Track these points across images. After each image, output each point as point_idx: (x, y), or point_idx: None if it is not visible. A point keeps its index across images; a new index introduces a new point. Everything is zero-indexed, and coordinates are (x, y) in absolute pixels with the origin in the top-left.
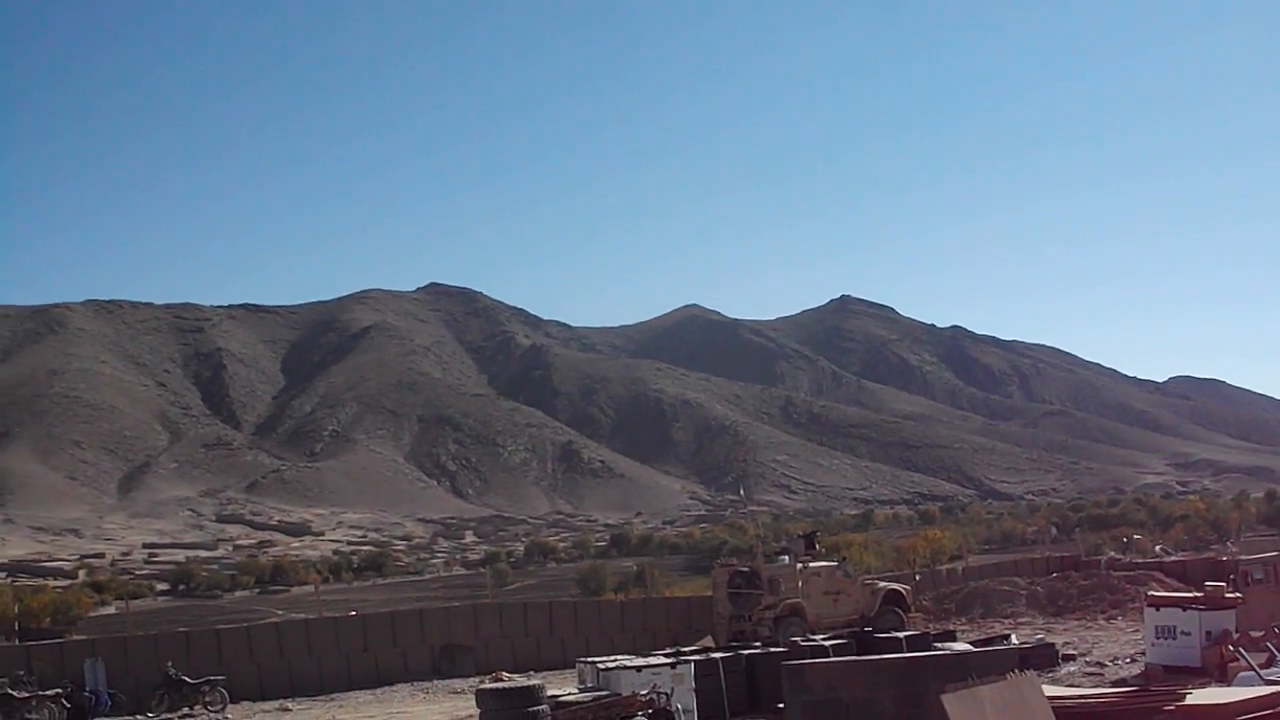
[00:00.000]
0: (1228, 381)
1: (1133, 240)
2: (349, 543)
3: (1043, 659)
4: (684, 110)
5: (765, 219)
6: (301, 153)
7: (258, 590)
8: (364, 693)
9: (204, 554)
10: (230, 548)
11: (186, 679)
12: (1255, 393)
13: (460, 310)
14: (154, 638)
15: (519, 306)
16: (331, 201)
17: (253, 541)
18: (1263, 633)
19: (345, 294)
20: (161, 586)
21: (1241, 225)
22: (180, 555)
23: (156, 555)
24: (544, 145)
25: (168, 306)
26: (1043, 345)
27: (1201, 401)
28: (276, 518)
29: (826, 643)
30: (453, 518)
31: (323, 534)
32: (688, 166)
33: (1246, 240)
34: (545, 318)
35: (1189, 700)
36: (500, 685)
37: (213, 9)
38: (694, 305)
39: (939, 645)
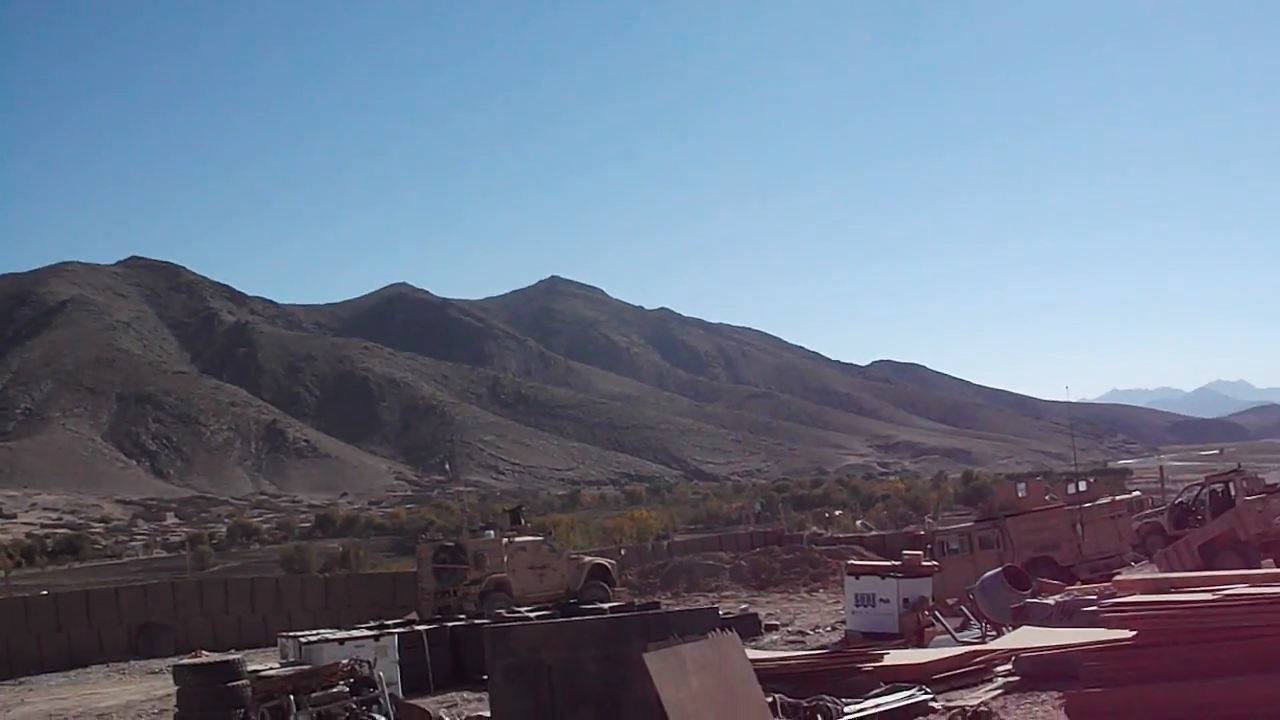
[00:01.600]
0: (928, 366)
1: (839, 229)
2: (43, 526)
3: (746, 628)
4: (398, 89)
5: (476, 199)
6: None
7: None
8: (57, 675)
9: None
10: None
11: None
12: (954, 377)
13: (162, 285)
14: None
15: (223, 282)
16: (27, 169)
17: None
18: (956, 599)
19: (41, 265)
20: None
21: (938, 215)
22: None
23: None
24: (251, 116)
25: None
26: (749, 328)
27: (902, 385)
28: None
29: (531, 614)
30: (153, 499)
31: (15, 516)
32: (398, 146)
33: (943, 229)
34: (250, 294)
35: (886, 660)
36: (199, 661)
37: None
38: (402, 284)
39: None
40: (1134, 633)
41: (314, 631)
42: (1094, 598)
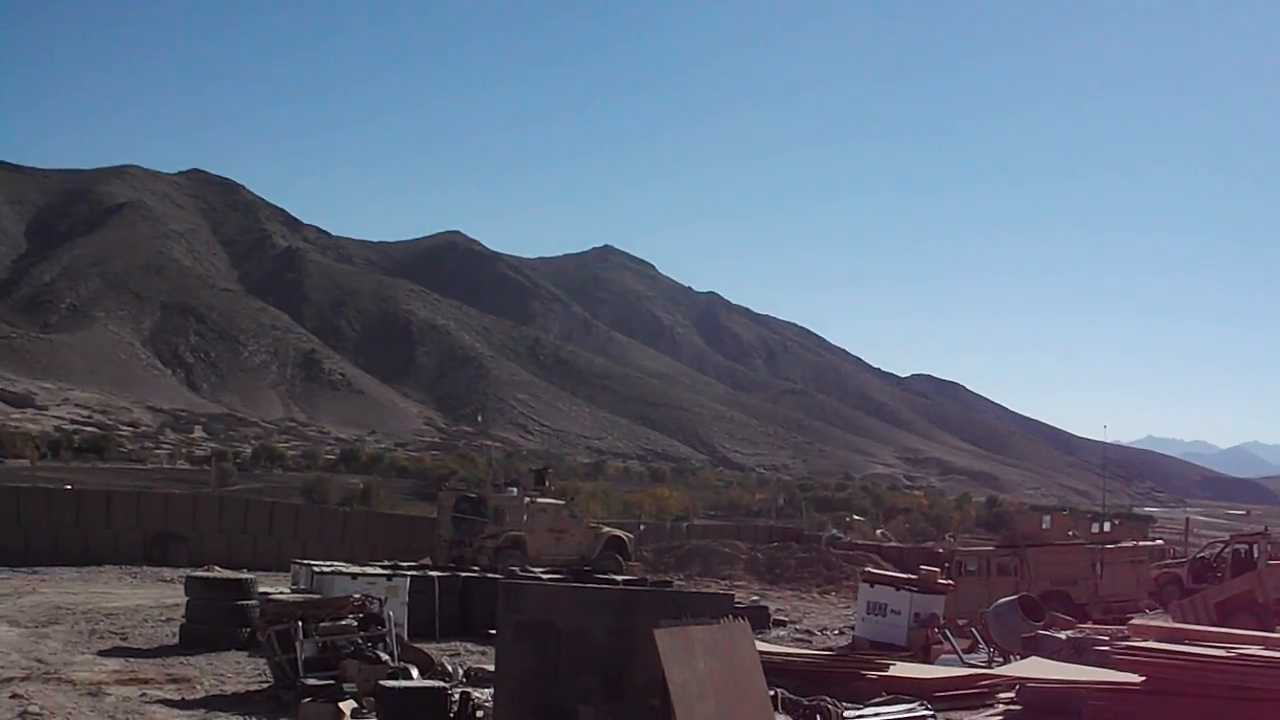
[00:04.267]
0: (967, 386)
1: (896, 239)
2: (73, 421)
3: (755, 619)
4: (479, 38)
5: (539, 157)
6: (79, 16)
7: None
8: (70, 569)
9: None
10: None
11: None
12: (991, 401)
13: (219, 201)
14: None
15: (280, 206)
16: (101, 67)
17: None
18: (967, 621)
19: (104, 166)
20: None
21: (995, 241)
22: None
23: None
24: (329, 49)
25: None
26: (794, 324)
27: (939, 402)
28: (0, 386)
29: (544, 576)
30: (184, 410)
31: (46, 409)
32: (469, 96)
33: (998, 256)
34: (305, 221)
35: (891, 671)
36: (212, 575)
37: None
38: (456, 232)
39: None
40: (1143, 678)
41: (328, 563)
42: (1106, 638)
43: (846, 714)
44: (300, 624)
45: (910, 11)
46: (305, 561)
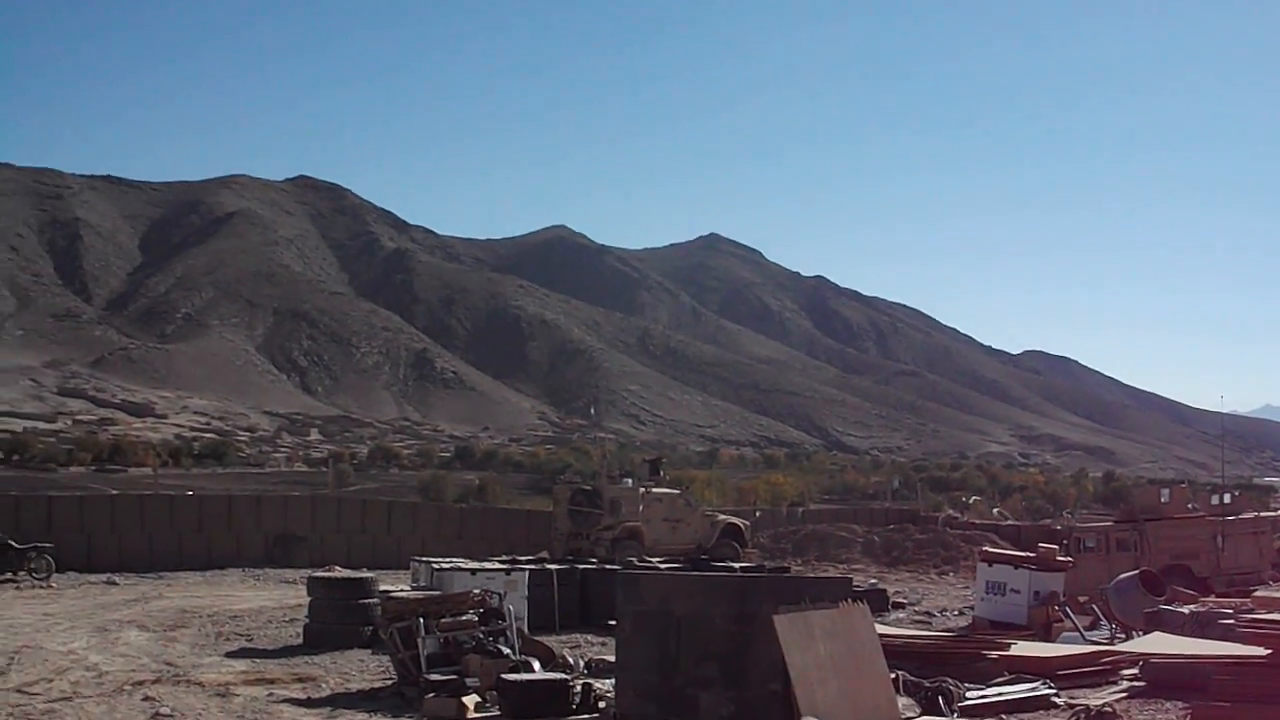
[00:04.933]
0: (1079, 361)
1: (1001, 217)
2: (192, 428)
3: (874, 602)
4: (575, 31)
5: (641, 149)
6: (182, 31)
7: (94, 467)
8: (194, 574)
9: (42, 425)
10: (69, 422)
11: (14, 544)
12: (1104, 375)
13: (327, 206)
14: None
15: (386, 208)
16: (207, 81)
17: (94, 418)
18: (1088, 598)
19: (212, 176)
20: None
21: (1103, 213)
22: (17, 425)
23: None
24: (427, 51)
25: (28, 170)
26: (903, 305)
27: (1051, 378)
28: (120, 396)
29: (661, 566)
30: (299, 414)
31: (166, 417)
32: (568, 89)
33: (1112, 228)
34: (412, 223)
35: (1013, 650)
36: (333, 575)
37: None
38: (562, 226)
39: None
40: (1269, 651)
41: (447, 559)
42: (1230, 611)
43: (969, 694)
44: (421, 620)
45: None
46: (424, 559)
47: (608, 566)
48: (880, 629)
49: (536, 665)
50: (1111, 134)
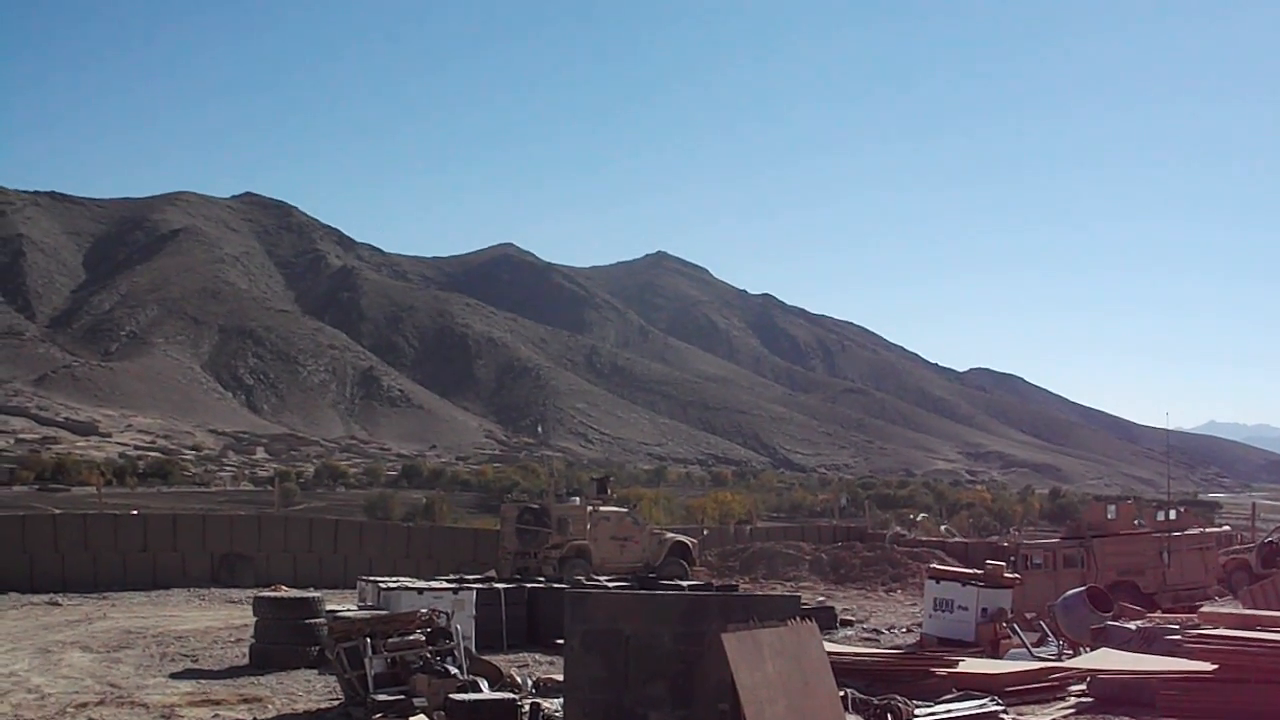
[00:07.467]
0: (1025, 379)
1: (947, 236)
2: (136, 447)
3: (822, 620)
4: (522, 52)
5: (589, 168)
6: (128, 47)
7: (37, 486)
8: (138, 594)
9: None
10: (12, 440)
11: None
12: (1051, 392)
13: (273, 223)
14: None
15: (333, 226)
16: (152, 97)
17: (37, 436)
18: (1035, 614)
19: (157, 193)
20: None
21: (1049, 231)
22: None
23: None
24: (375, 71)
25: None
26: (850, 323)
27: (998, 395)
28: (64, 414)
29: (610, 585)
30: (245, 432)
31: (110, 435)
32: (516, 109)
33: (1053, 246)
34: (359, 240)
35: (961, 667)
36: (279, 595)
37: None
38: (509, 245)
39: None
40: (1215, 666)
41: (394, 579)
42: (1176, 627)
43: (917, 712)
44: (369, 640)
45: (944, 9)
46: (371, 578)
47: (555, 585)
48: (829, 647)
49: (484, 685)
50: (1056, 156)
